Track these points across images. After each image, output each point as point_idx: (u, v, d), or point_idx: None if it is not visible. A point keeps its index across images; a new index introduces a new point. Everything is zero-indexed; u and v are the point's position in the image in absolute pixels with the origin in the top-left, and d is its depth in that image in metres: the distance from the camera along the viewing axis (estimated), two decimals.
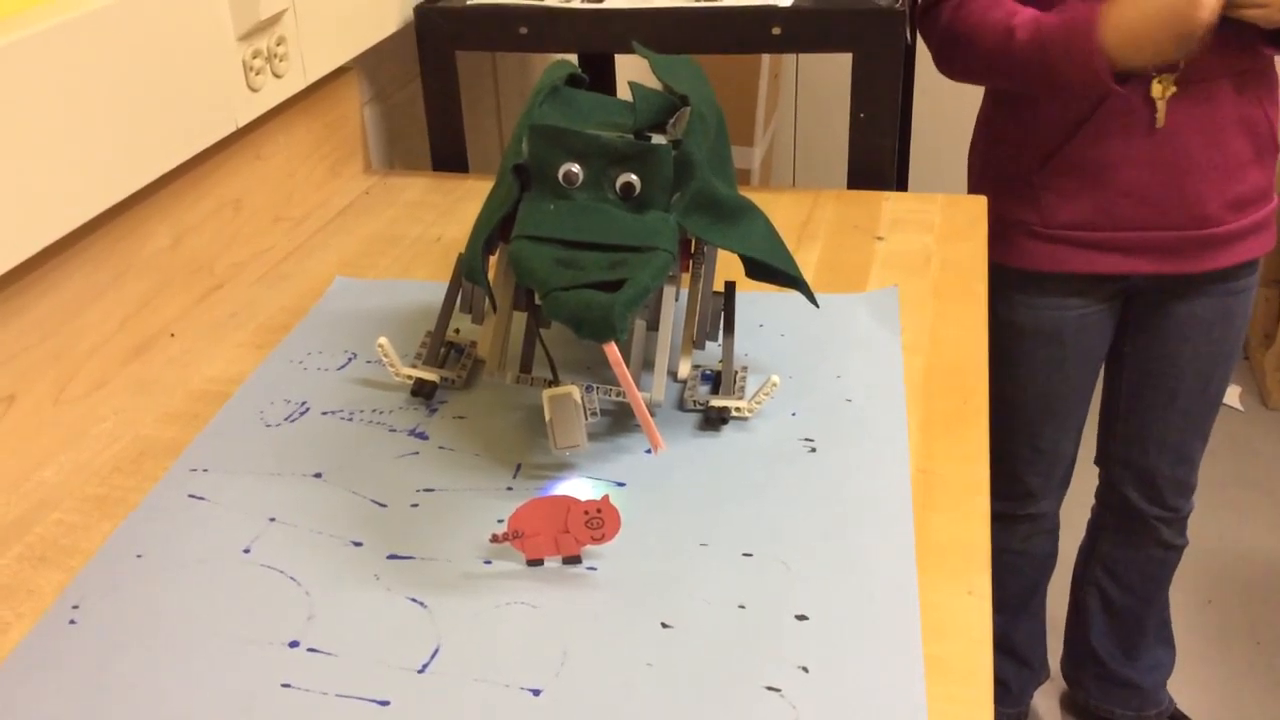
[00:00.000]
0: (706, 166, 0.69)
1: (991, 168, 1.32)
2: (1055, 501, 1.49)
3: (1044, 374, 1.36)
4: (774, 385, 0.73)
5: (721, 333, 0.79)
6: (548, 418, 0.68)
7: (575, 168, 0.67)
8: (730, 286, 0.80)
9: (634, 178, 0.67)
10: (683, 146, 0.68)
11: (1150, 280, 1.28)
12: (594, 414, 0.70)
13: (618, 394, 0.73)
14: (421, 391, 0.77)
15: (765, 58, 2.42)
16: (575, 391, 0.67)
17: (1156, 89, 1.15)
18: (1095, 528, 1.56)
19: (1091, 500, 1.55)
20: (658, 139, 0.70)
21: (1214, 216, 1.21)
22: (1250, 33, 1.09)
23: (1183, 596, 1.65)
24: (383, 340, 0.76)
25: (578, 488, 0.68)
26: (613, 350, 0.62)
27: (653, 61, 0.78)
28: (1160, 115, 1.16)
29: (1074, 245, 1.26)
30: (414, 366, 0.78)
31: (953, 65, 1.25)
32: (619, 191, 0.67)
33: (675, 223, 0.68)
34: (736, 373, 0.77)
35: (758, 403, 0.73)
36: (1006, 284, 1.30)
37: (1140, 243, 1.23)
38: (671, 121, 0.73)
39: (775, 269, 0.73)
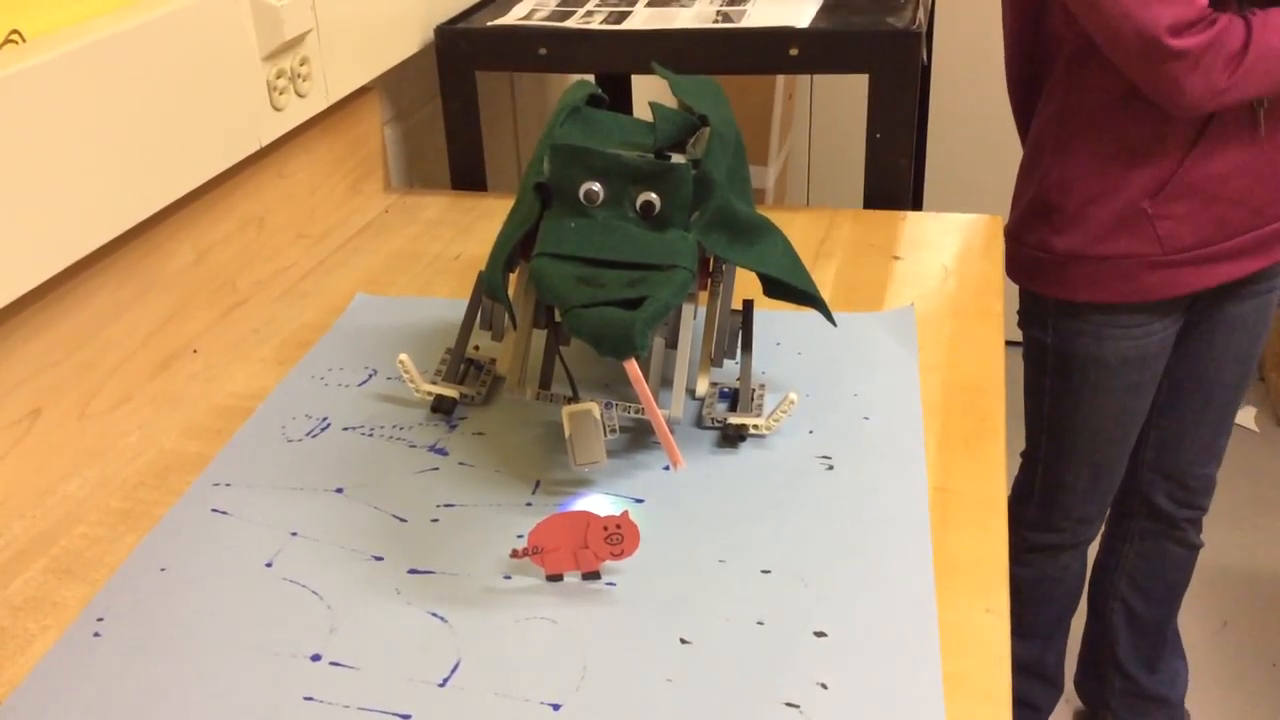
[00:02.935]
0: (725, 186, 0.70)
1: (1078, 208, 1.24)
2: (1100, 525, 1.49)
3: (1126, 400, 1.35)
4: (792, 403, 0.73)
5: (739, 351, 0.79)
6: (567, 434, 0.68)
7: (596, 186, 0.68)
8: (748, 305, 0.81)
9: (654, 196, 0.67)
10: (702, 166, 0.68)
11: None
12: (613, 431, 0.70)
13: (637, 411, 0.73)
14: (441, 408, 0.78)
15: (780, 78, 2.44)
16: (595, 408, 0.68)
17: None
18: (1115, 539, 1.55)
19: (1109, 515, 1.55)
20: (677, 158, 0.71)
21: None
22: None
23: (1198, 619, 1.65)
24: (403, 357, 0.77)
25: (597, 504, 0.69)
26: (633, 367, 0.63)
27: (672, 82, 0.79)
28: (1262, 129, 1.16)
29: (1194, 264, 1.24)
30: (434, 383, 0.78)
31: (1243, 84, 1.09)
32: (639, 210, 0.68)
33: (695, 241, 0.68)
34: (754, 390, 0.78)
35: (775, 420, 0.74)
36: (1094, 319, 1.28)
37: (1248, 245, 1.24)
38: (691, 141, 0.74)
39: (793, 287, 0.74)
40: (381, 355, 0.86)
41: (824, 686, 0.55)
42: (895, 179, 1.09)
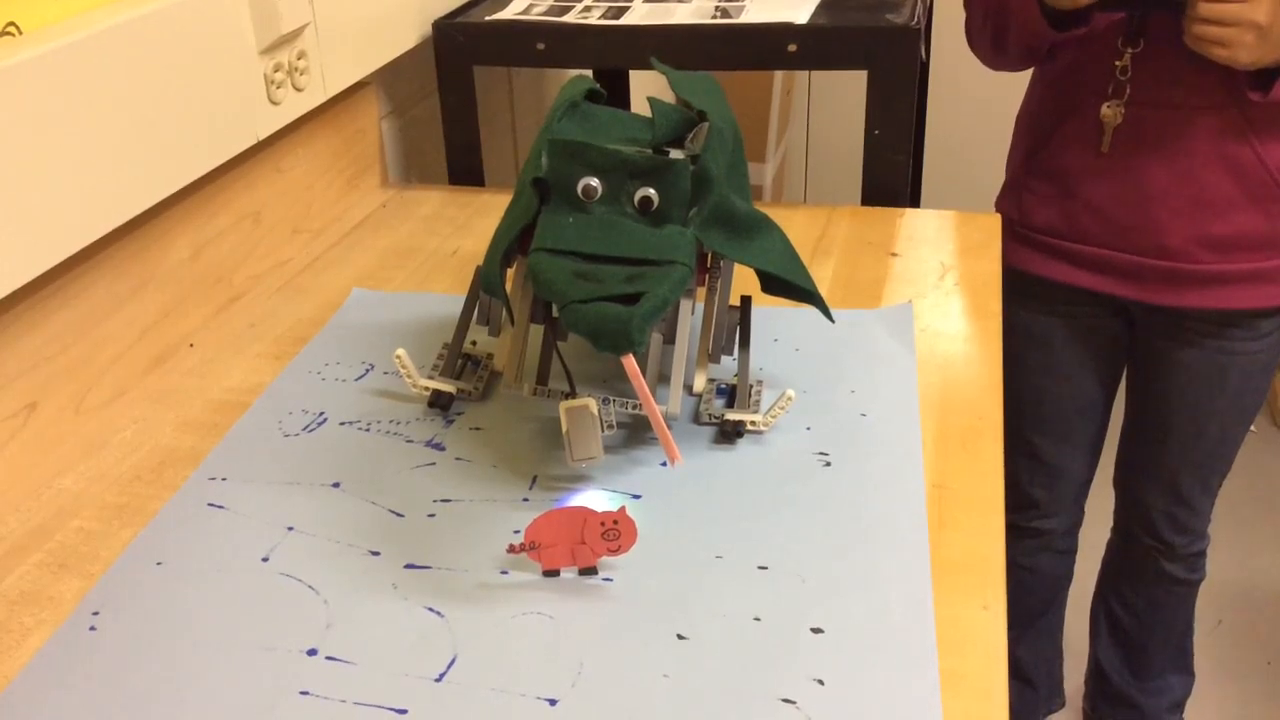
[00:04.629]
0: (724, 182, 0.70)
1: (1006, 170, 1.35)
2: (1066, 520, 1.48)
3: (1037, 382, 1.35)
4: (789, 399, 0.73)
5: (737, 347, 0.79)
6: (564, 430, 0.68)
7: (594, 182, 0.68)
8: (746, 301, 0.81)
9: (652, 192, 0.67)
10: (701, 162, 0.68)
11: (1141, 311, 1.27)
12: (610, 426, 0.70)
13: (634, 407, 0.73)
14: (438, 403, 0.78)
15: (778, 74, 2.44)
16: (592, 404, 0.68)
17: (1106, 114, 1.15)
18: (1110, 549, 1.55)
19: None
20: (676, 154, 0.71)
21: (1180, 250, 1.18)
22: (1229, 73, 1.07)
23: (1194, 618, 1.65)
24: (400, 352, 0.77)
25: (594, 500, 0.68)
26: (631, 363, 0.63)
27: (671, 77, 0.79)
28: (1105, 141, 1.16)
29: (1043, 250, 1.27)
30: (431, 378, 0.78)
31: (970, 39, 1.27)
32: (637, 206, 0.68)
33: (693, 237, 0.68)
34: (751, 387, 0.78)
35: (773, 417, 0.73)
36: (1007, 281, 1.29)
37: (1101, 260, 1.23)
38: (690, 137, 0.74)
39: (791, 284, 0.73)
40: (378, 350, 0.86)
41: (821, 683, 0.55)
42: (894, 176, 1.09)
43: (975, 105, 2.43)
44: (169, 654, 0.58)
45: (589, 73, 1.42)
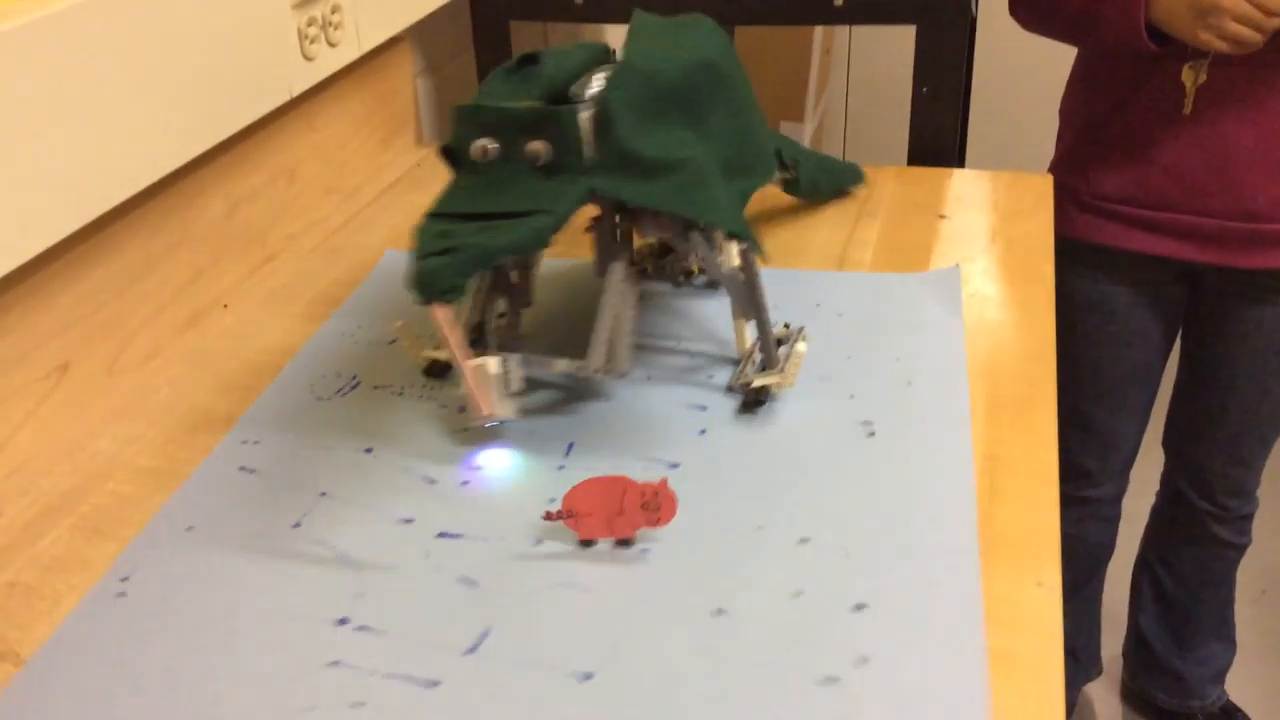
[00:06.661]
0: (629, 124, 0.66)
1: (1062, 130, 1.32)
2: (1113, 488, 1.45)
3: (1095, 351, 1.33)
4: (800, 355, 0.70)
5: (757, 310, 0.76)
6: (461, 390, 0.66)
7: (489, 142, 0.66)
8: (746, 257, 0.76)
9: (540, 145, 0.65)
10: (603, 105, 0.66)
11: (1211, 273, 1.25)
12: (517, 385, 0.68)
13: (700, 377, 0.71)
14: (432, 372, 0.76)
15: (817, 32, 2.39)
16: (491, 363, 0.66)
17: (1187, 75, 1.11)
18: (1155, 514, 1.53)
19: (1157, 489, 1.52)
20: (591, 95, 0.68)
21: (1264, 212, 1.17)
22: None
23: (1237, 589, 1.62)
24: (400, 322, 0.75)
25: (629, 468, 0.67)
26: (439, 312, 0.61)
27: (635, 23, 0.75)
28: (1188, 103, 1.13)
29: (1115, 219, 1.24)
30: (436, 349, 0.77)
31: (1019, 11, 1.23)
32: (528, 160, 0.66)
33: (585, 185, 0.66)
34: (781, 347, 0.75)
35: (789, 376, 0.71)
36: (1064, 252, 1.27)
37: (1180, 226, 1.20)
38: (584, 80, 0.71)
39: (688, 218, 0.69)
40: (411, 313, 0.85)
41: (865, 660, 0.53)
42: (942, 135, 1.06)
43: (1024, 62, 2.37)
44: (198, 620, 0.58)
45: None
